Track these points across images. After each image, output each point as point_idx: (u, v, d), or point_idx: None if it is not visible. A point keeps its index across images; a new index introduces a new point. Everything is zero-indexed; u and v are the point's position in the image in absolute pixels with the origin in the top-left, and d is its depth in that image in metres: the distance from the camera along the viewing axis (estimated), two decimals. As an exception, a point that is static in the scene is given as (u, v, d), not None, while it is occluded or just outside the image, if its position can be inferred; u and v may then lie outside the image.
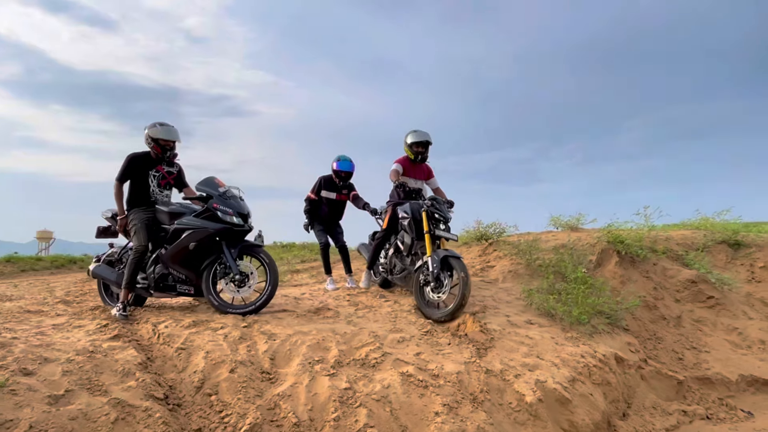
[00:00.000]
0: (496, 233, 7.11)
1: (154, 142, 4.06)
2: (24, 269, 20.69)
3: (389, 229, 4.94)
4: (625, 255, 5.88)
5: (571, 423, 3.09)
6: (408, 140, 4.89)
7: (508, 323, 4.17)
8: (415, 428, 2.57)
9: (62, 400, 2.24)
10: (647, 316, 5.35)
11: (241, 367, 2.84)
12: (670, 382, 4.45)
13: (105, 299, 4.67)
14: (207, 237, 3.85)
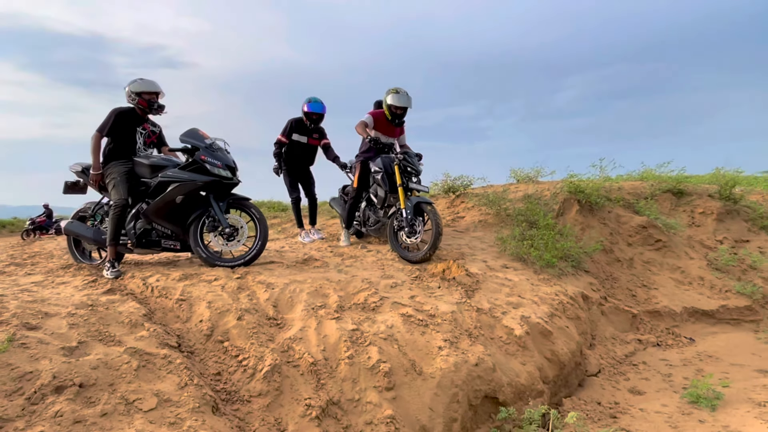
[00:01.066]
0: (464, 185, 7.34)
1: (138, 97, 3.82)
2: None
3: (360, 186, 5.00)
4: (585, 204, 6.28)
5: (552, 352, 3.40)
6: (388, 101, 4.78)
7: (487, 268, 4.42)
8: (424, 363, 2.76)
9: (77, 352, 2.21)
10: (604, 259, 5.82)
11: (248, 315, 2.88)
12: (626, 316, 4.95)
13: (76, 256, 4.45)
14: (195, 190, 3.74)
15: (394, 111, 4.79)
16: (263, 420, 2.21)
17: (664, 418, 3.09)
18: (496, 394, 2.83)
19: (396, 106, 4.73)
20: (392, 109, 4.78)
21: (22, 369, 1.99)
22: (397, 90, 4.76)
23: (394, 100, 4.72)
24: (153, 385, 2.12)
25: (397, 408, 2.44)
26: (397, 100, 4.72)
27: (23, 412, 1.81)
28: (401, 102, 4.72)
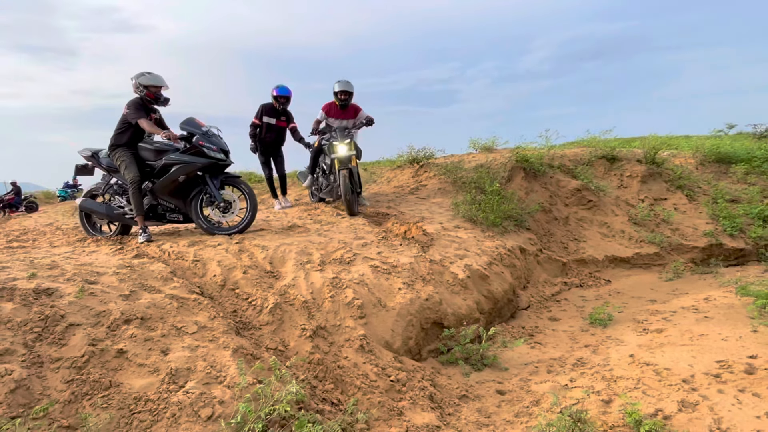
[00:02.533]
0: (426, 156, 8.21)
1: (146, 90, 4.44)
2: None
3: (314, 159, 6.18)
4: (529, 171, 7.25)
5: (488, 291, 4.39)
6: (335, 89, 5.94)
7: (441, 228, 5.35)
8: (387, 299, 3.67)
9: (131, 297, 3.01)
10: (544, 218, 6.85)
11: (251, 270, 3.71)
12: (557, 264, 6.01)
13: (88, 230, 5.15)
14: (195, 170, 4.46)
15: (340, 97, 5.92)
16: (272, 339, 3.09)
17: (568, 334, 4.15)
18: (442, 321, 3.79)
19: (339, 90, 5.90)
20: (338, 95, 5.93)
21: (97, 309, 2.79)
22: (339, 80, 5.93)
23: (336, 87, 5.92)
24: (191, 317, 2.96)
25: (367, 330, 3.36)
26: (340, 86, 5.91)
27: (107, 336, 2.63)
28: (342, 87, 5.90)
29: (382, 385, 2.95)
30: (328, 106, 6.07)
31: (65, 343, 2.52)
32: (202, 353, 2.64)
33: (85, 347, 2.50)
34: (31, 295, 2.77)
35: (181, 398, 2.28)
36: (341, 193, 5.43)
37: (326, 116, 6.03)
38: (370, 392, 2.86)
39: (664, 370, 3.12)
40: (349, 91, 5.97)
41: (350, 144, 5.49)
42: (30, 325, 2.55)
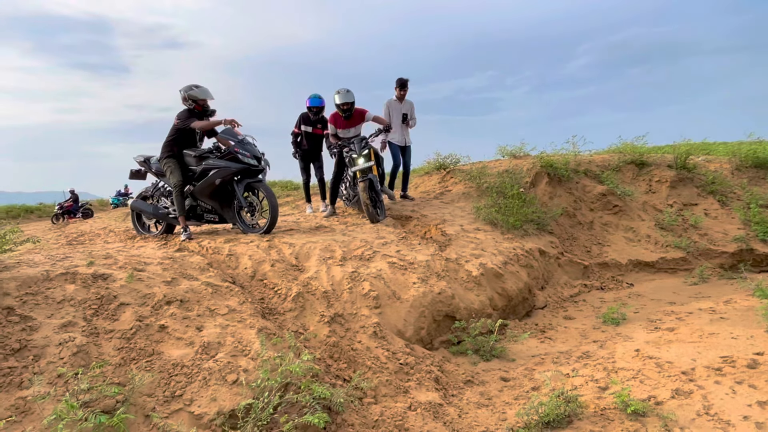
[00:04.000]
0: (453, 163, 8.44)
1: (195, 102, 4.94)
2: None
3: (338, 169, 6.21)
4: (554, 176, 7.35)
5: (502, 288, 4.57)
6: (335, 101, 5.97)
7: (461, 230, 5.57)
8: (402, 292, 3.94)
9: (173, 283, 3.42)
10: (567, 222, 6.93)
11: (278, 264, 4.08)
12: (579, 267, 6.08)
13: (138, 229, 5.71)
14: (230, 175, 4.90)
15: (342, 108, 5.93)
16: (293, 323, 3.43)
17: (579, 331, 4.27)
18: (454, 314, 4.02)
19: (338, 104, 5.90)
20: (339, 107, 5.93)
21: (143, 292, 3.21)
22: (338, 91, 5.92)
23: (336, 100, 5.92)
24: (224, 301, 3.34)
25: (381, 319, 3.64)
26: (338, 98, 5.90)
27: (151, 313, 3.03)
28: (341, 99, 5.88)
29: (392, 366, 3.22)
30: (334, 117, 6.08)
31: (117, 318, 2.94)
32: (231, 331, 3.00)
33: (133, 322, 2.91)
34: (90, 279, 3.23)
35: (211, 365, 2.64)
36: (362, 205, 5.62)
37: (335, 128, 6.09)
38: (379, 372, 3.13)
39: (666, 363, 3.23)
40: (350, 101, 5.93)
41: (368, 155, 5.62)
42: (88, 303, 3.00)
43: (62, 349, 2.60)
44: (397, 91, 6.79)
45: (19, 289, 2.98)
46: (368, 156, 5.60)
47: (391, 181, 7.35)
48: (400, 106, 6.87)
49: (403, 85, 6.79)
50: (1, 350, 2.53)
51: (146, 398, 2.42)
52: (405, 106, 6.89)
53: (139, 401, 2.39)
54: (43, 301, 2.94)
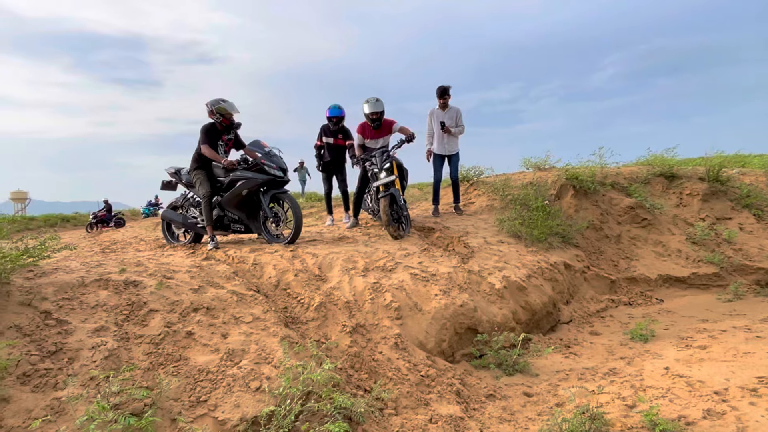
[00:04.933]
0: (476, 175, 8.42)
1: (222, 117, 5.10)
2: (19, 229, 21.49)
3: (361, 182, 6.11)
4: (579, 188, 7.24)
5: (526, 302, 4.51)
6: (364, 110, 5.90)
7: (484, 242, 5.53)
8: (423, 304, 3.94)
9: (200, 291, 3.51)
10: (594, 236, 6.80)
11: (301, 273, 4.14)
12: (605, 281, 5.95)
13: (167, 237, 5.88)
14: (256, 186, 5.02)
15: (371, 117, 5.86)
16: (315, 332, 3.47)
17: (605, 347, 4.17)
18: (477, 327, 3.99)
19: (368, 113, 5.84)
20: (369, 116, 5.87)
21: (171, 299, 3.31)
22: (368, 100, 5.86)
23: (366, 109, 5.85)
24: (248, 309, 3.41)
25: (402, 330, 3.64)
26: (368, 108, 5.84)
27: (179, 320, 3.12)
28: (371, 108, 5.82)
29: (413, 378, 3.21)
30: (362, 127, 6.00)
31: (146, 324, 3.03)
32: (255, 339, 3.06)
33: (162, 328, 3.00)
34: (122, 286, 3.35)
35: (235, 372, 2.70)
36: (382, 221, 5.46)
37: (363, 138, 6.03)
38: (400, 383, 3.13)
39: (697, 383, 3.13)
40: (380, 111, 5.84)
41: (390, 168, 5.50)
42: (120, 309, 3.11)
43: (95, 353, 2.70)
44: (438, 100, 6.70)
45: (56, 294, 3.12)
46: (390, 170, 5.48)
47: (435, 195, 7.12)
48: (442, 115, 6.72)
49: (442, 92, 6.66)
50: (39, 352, 2.65)
51: (173, 402, 2.48)
52: (449, 113, 6.71)
53: (166, 405, 2.45)
54: (78, 306, 3.06)
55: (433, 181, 7.11)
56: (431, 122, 6.82)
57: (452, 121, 6.72)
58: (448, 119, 6.72)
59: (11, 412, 2.29)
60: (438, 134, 6.76)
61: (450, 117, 6.75)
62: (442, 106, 6.76)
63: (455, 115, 6.78)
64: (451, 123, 6.71)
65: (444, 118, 6.72)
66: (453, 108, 6.79)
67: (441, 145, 6.82)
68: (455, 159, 6.89)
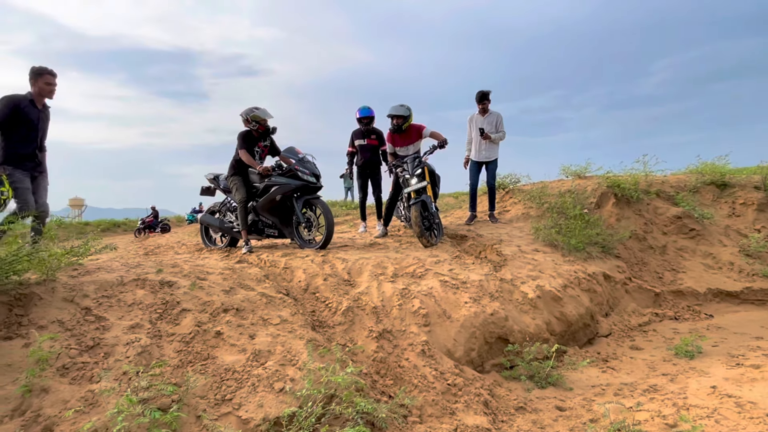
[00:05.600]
0: (512, 182, 8.24)
1: (258, 124, 5.26)
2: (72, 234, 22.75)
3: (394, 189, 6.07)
4: (621, 197, 6.94)
5: (561, 313, 4.34)
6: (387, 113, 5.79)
7: (519, 250, 5.39)
8: (452, 311, 3.86)
9: (231, 292, 3.59)
10: (637, 246, 6.49)
11: (330, 278, 4.16)
12: (649, 294, 5.65)
13: (205, 241, 6.08)
14: (290, 191, 5.11)
15: (393, 122, 5.77)
16: (342, 337, 3.46)
17: (647, 362, 3.94)
18: (508, 337, 3.87)
19: (389, 115, 5.75)
20: (391, 120, 5.77)
21: (203, 299, 3.40)
22: (393, 105, 5.78)
23: (389, 111, 5.76)
24: (276, 312, 3.45)
25: (430, 337, 3.58)
26: (390, 110, 5.74)
27: (209, 320, 3.19)
28: (392, 111, 5.72)
29: (439, 386, 3.14)
30: (391, 136, 5.92)
31: (178, 322, 3.12)
32: (282, 340, 3.08)
33: (192, 327, 3.08)
34: (158, 285, 3.47)
35: (260, 372, 2.72)
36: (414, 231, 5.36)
37: (393, 147, 5.95)
38: (425, 391, 3.06)
39: (748, 404, 2.90)
40: (401, 115, 5.69)
41: (422, 174, 5.40)
42: (154, 307, 3.21)
43: (129, 349, 2.79)
44: (477, 106, 6.63)
45: (97, 292, 3.26)
46: (422, 175, 5.40)
47: (471, 202, 7.06)
48: (481, 120, 6.62)
49: (481, 97, 6.58)
50: (78, 346, 2.77)
51: (199, 400, 2.53)
52: (488, 119, 6.61)
53: (192, 402, 2.50)
54: (116, 304, 3.19)
55: (469, 188, 7.02)
56: (470, 128, 6.76)
57: (492, 127, 6.63)
58: (487, 125, 6.63)
59: (49, 402, 2.40)
60: (476, 140, 6.68)
61: (490, 122, 6.65)
62: (481, 111, 6.68)
63: (495, 120, 6.67)
64: (491, 129, 6.61)
65: (483, 123, 6.63)
66: (493, 113, 6.69)
67: (478, 152, 6.73)
68: (492, 166, 6.76)
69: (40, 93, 4.14)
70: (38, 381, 2.47)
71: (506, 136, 6.78)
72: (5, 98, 3.99)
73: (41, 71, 4.12)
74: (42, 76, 4.12)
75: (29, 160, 4.14)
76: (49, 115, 4.33)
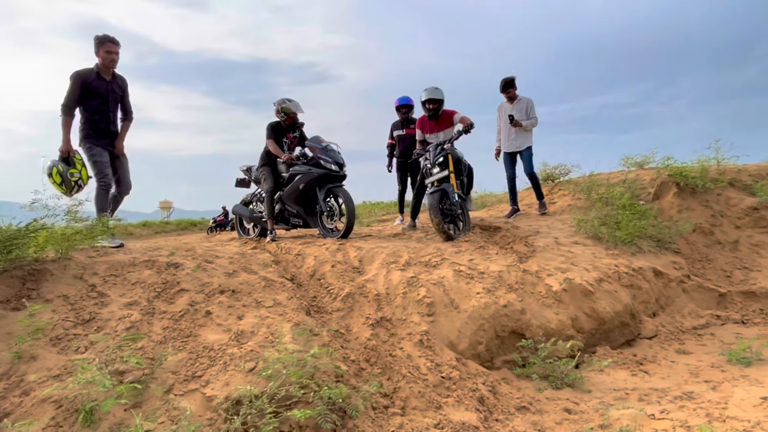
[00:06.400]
0: (562, 173, 7.68)
1: (286, 115, 5.33)
2: (157, 231, 24.67)
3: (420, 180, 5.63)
4: (685, 186, 6.18)
5: (592, 309, 3.90)
6: (421, 98, 5.49)
7: (554, 242, 4.95)
8: (461, 301, 3.59)
9: (233, 275, 3.60)
10: (701, 241, 5.74)
11: (339, 265, 4.05)
12: (711, 294, 4.95)
13: (239, 231, 6.23)
14: (312, 180, 5.07)
15: (428, 107, 5.45)
16: (337, 323, 3.33)
17: (690, 368, 3.41)
18: (524, 332, 3.52)
19: (424, 100, 5.45)
20: (425, 105, 5.46)
21: (203, 280, 3.43)
22: (426, 88, 5.47)
23: (423, 96, 5.46)
24: (273, 295, 3.40)
25: (433, 327, 3.34)
26: (425, 94, 5.45)
27: (203, 300, 3.21)
28: (427, 95, 5.42)
29: (432, 378, 2.90)
30: (421, 122, 5.65)
31: (173, 301, 3.17)
32: (269, 323, 3.02)
33: (185, 306, 3.10)
34: (164, 267, 3.55)
35: (234, 351, 2.67)
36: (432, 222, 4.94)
37: (422, 134, 5.67)
38: (413, 382, 2.84)
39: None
40: (437, 99, 5.40)
41: (444, 163, 5.09)
42: (155, 286, 3.29)
43: (119, 324, 2.86)
44: (503, 95, 6.30)
45: (107, 271, 3.40)
46: (444, 164, 5.08)
47: (510, 195, 6.66)
48: (510, 108, 6.25)
49: (505, 86, 6.23)
50: (75, 319, 2.89)
51: (170, 375, 2.52)
52: (518, 105, 6.21)
53: (163, 377, 2.50)
54: (120, 282, 3.30)
55: (507, 181, 6.59)
56: (499, 117, 6.38)
57: (522, 114, 6.19)
58: (517, 111, 6.21)
59: (34, 368, 2.50)
60: (505, 129, 6.28)
61: (519, 109, 6.22)
62: (509, 99, 6.29)
63: (525, 106, 6.23)
64: (521, 115, 6.18)
65: (512, 111, 6.21)
66: (523, 99, 6.26)
67: (508, 141, 6.31)
68: (526, 154, 6.26)
69: (103, 63, 4.22)
70: (29, 349, 2.58)
71: (538, 121, 6.29)
72: (73, 75, 4.12)
73: (102, 39, 4.20)
74: (103, 45, 4.19)
75: (106, 136, 4.30)
76: (121, 84, 4.41)
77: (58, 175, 4.05)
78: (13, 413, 2.23)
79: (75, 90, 4.12)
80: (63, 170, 4.06)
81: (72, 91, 4.12)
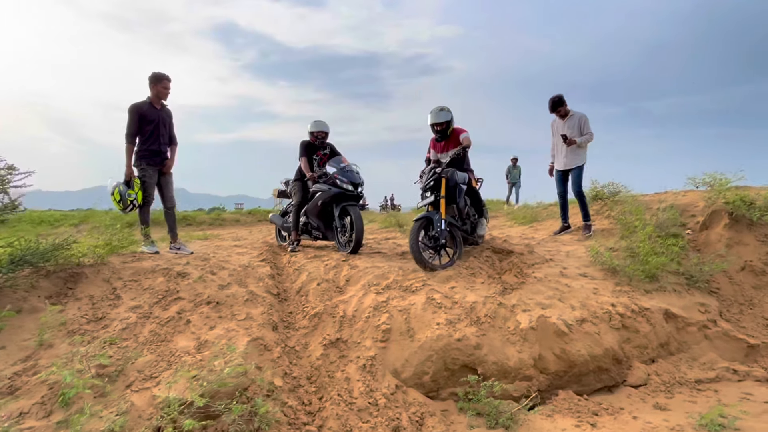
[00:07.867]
0: (612, 193, 7.22)
1: (311, 135, 5.98)
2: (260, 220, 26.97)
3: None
4: (739, 217, 5.50)
5: (563, 350, 3.80)
6: (428, 121, 5.37)
7: (558, 273, 4.80)
8: (419, 330, 3.76)
9: (225, 288, 4.17)
10: (750, 282, 5.10)
11: (324, 283, 4.43)
12: (739, 344, 4.44)
13: (278, 239, 6.92)
14: (329, 198, 5.53)
15: (434, 128, 5.34)
16: (298, 341, 3.73)
17: (648, 428, 3.21)
18: (476, 366, 3.60)
19: (430, 124, 5.35)
20: (432, 128, 5.36)
21: (198, 291, 4.04)
22: (432, 110, 5.32)
23: (429, 119, 5.34)
24: (249, 309, 3.90)
25: (381, 353, 3.58)
26: (430, 119, 5.32)
27: (191, 309, 3.81)
28: (432, 119, 5.29)
29: (360, 403, 3.17)
30: (432, 141, 5.58)
31: (167, 308, 3.81)
32: (231, 335, 3.52)
33: (174, 313, 3.73)
34: (174, 275, 4.25)
35: (187, 359, 3.20)
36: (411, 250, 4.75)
37: (435, 153, 5.56)
38: (336, 404, 3.14)
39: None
40: (442, 121, 5.26)
41: (434, 187, 4.99)
42: (159, 293, 3.97)
43: (118, 324, 3.57)
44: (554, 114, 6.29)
45: (130, 276, 4.18)
46: (434, 188, 5.00)
47: (562, 212, 6.67)
48: (562, 125, 6.23)
49: (553, 106, 6.22)
50: (91, 316, 3.66)
51: (136, 373, 3.12)
52: (569, 122, 6.16)
53: (130, 374, 3.11)
54: (135, 287, 4.05)
55: (558, 198, 6.64)
56: (552, 134, 6.39)
57: (574, 130, 6.13)
58: (568, 129, 6.13)
59: (48, 355, 3.27)
60: (559, 147, 6.31)
61: (571, 126, 6.15)
62: (562, 116, 6.22)
63: (578, 122, 6.15)
64: (574, 132, 6.11)
65: (564, 129, 6.16)
66: (575, 115, 6.17)
67: (559, 159, 6.36)
68: (575, 173, 6.21)
69: (157, 95, 5.12)
70: (49, 338, 3.37)
71: (593, 137, 6.10)
72: (130, 108, 4.99)
73: (160, 77, 5.10)
74: (161, 81, 5.11)
75: (158, 155, 5.18)
76: (169, 112, 5.31)
77: (118, 194, 4.96)
78: (20, 389, 2.99)
79: (134, 119, 5.01)
80: (123, 191, 4.97)
81: (132, 121, 5.01)
